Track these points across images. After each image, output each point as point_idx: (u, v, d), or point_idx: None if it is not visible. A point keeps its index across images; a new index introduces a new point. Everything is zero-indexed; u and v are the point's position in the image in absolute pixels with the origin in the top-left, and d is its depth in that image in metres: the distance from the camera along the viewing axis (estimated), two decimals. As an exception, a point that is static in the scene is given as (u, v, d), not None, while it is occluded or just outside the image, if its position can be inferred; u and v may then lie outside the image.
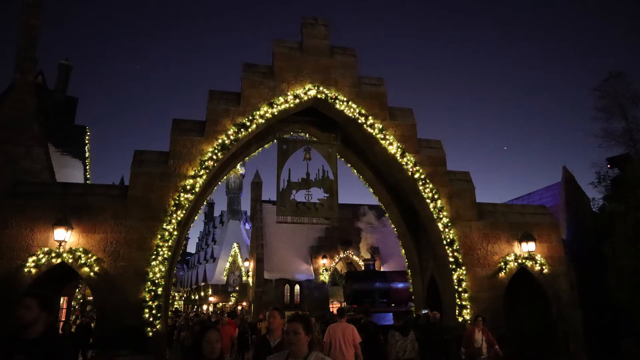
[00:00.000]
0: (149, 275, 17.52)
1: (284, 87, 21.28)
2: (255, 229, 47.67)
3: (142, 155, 19.29)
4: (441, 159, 22.41)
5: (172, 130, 19.75)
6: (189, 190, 18.73)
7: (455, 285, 20.74)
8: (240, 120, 20.20)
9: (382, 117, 22.00)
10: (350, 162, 24.86)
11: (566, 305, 21.65)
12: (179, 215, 18.37)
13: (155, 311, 17.35)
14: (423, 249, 24.81)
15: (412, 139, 22.18)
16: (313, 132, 23.48)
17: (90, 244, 17.58)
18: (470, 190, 22.37)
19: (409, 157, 21.72)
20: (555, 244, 22.52)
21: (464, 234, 21.51)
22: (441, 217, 21.37)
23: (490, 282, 21.11)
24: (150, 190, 18.54)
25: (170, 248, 18.04)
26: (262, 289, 42.83)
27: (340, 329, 13.26)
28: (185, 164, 19.16)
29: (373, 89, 22.45)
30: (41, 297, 5.71)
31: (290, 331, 5.61)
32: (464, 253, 21.19)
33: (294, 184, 22.40)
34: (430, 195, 21.54)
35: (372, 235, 45.84)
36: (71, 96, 35.98)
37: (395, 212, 25.12)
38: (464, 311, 20.41)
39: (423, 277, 24.93)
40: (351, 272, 36.90)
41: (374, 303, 29.32)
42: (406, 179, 22.08)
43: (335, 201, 22.60)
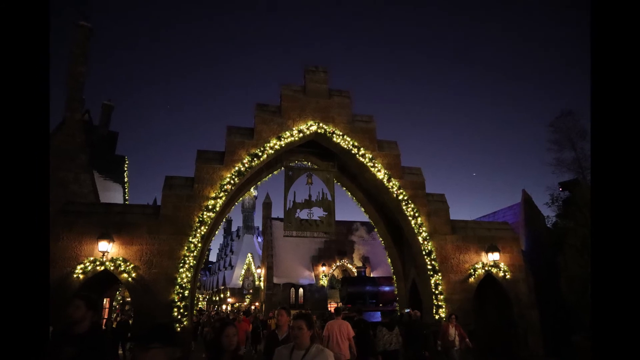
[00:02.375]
0: (177, 280, 17.57)
1: (290, 123, 21.35)
2: (266, 241, 47.68)
3: (172, 180, 19.35)
4: (421, 184, 22.43)
5: (196, 159, 19.82)
6: (210, 209, 18.77)
7: (432, 288, 20.72)
8: (253, 151, 20.26)
9: (372, 149, 22.04)
10: (345, 185, 24.89)
11: (525, 306, 21.62)
12: (203, 230, 18.40)
13: (182, 310, 17.40)
14: (406, 258, 24.77)
15: (396, 167, 22.22)
16: (314, 161, 23.52)
17: (129, 254, 17.63)
18: (445, 210, 22.37)
19: (394, 182, 21.75)
20: (516, 254, 22.50)
21: (440, 246, 21.48)
22: (421, 232, 21.37)
23: (462, 286, 21.09)
24: (179, 210, 18.58)
25: (195, 257, 18.07)
26: (272, 291, 42.72)
27: (337, 325, 13.20)
28: (208, 187, 19.21)
29: (364, 125, 22.51)
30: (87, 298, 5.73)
31: (295, 327, 5.63)
32: (440, 262, 21.17)
33: (298, 204, 22.41)
34: (412, 213, 21.55)
35: (364, 247, 46.00)
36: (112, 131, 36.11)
37: (383, 227, 25.09)
38: (440, 310, 20.39)
39: (406, 282, 24.88)
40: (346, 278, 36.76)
41: (365, 303, 29.19)
42: (392, 200, 22.09)
43: (333, 218, 22.58)
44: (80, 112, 26.19)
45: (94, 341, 5.53)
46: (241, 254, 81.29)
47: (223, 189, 19.29)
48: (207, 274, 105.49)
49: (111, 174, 31.94)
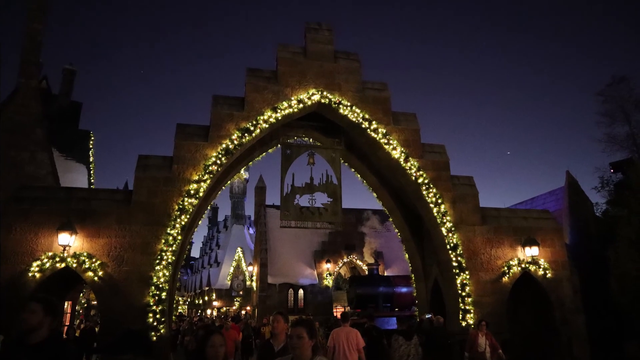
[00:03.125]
0: (152, 280, 17.53)
1: (287, 92, 21.27)
2: (259, 233, 47.77)
3: (146, 160, 19.29)
4: (444, 164, 22.39)
5: (176, 134, 19.75)
6: (192, 194, 18.73)
7: (458, 289, 20.70)
8: (244, 125, 20.20)
9: (385, 122, 22.00)
10: (354, 166, 24.86)
11: (569, 310, 21.60)
12: (183, 220, 18.37)
13: (159, 315, 17.36)
14: (427, 253, 24.78)
15: (415, 144, 22.16)
16: (317, 137, 23.47)
17: (94, 248, 17.59)
18: (474, 195, 22.33)
19: (412, 162, 21.69)
20: (558, 249, 22.46)
21: (468, 239, 21.48)
22: (445, 222, 21.33)
23: (493, 286, 21.08)
24: (154, 195, 18.55)
25: (174, 252, 18.03)
26: (266, 293, 42.87)
27: (344, 333, 13.23)
28: (189, 168, 19.16)
29: (376, 93, 22.45)
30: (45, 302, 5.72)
31: (294, 335, 5.61)
32: (468, 257, 21.16)
33: (297, 188, 22.40)
34: (434, 199, 21.50)
35: (376, 239, 45.97)
36: (75, 101, 36.02)
37: (399, 216, 25.10)
38: (468, 315, 20.37)
39: (426, 282, 24.89)
40: (355, 277, 36.87)
41: (378, 307, 29.29)
42: (410, 184, 22.06)
43: (339, 206, 22.59)
44: (37, 78, 26.04)
45: (54, 351, 5.52)
46: (229, 248, 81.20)
47: (208, 171, 19.22)
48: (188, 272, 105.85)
49: (74, 153, 31.85)
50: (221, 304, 75.18)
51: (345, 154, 23.82)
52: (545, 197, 30.82)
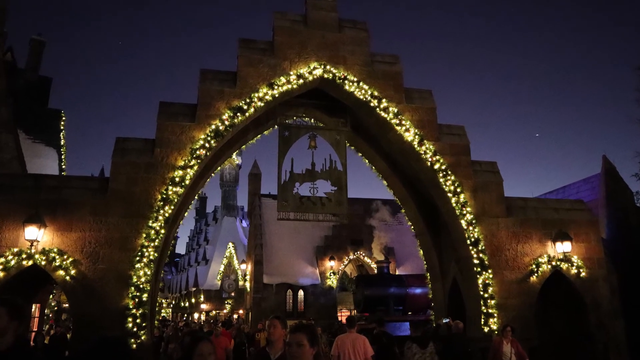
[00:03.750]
0: (132, 280, 17.50)
1: (285, 65, 21.22)
2: (254, 226, 47.68)
3: (125, 143, 19.27)
4: (464, 147, 22.37)
5: (158, 114, 19.72)
6: (178, 182, 18.70)
7: (480, 290, 20.70)
8: (236, 104, 20.17)
9: (397, 100, 21.96)
10: (361, 150, 24.84)
11: (606, 313, 21.58)
12: (167, 211, 18.35)
13: (139, 320, 17.34)
14: (444, 249, 24.76)
15: (431, 125, 22.14)
16: (319, 117, 23.45)
17: (66, 243, 17.57)
18: (498, 183, 22.32)
19: (427, 145, 21.66)
20: (594, 244, 22.44)
21: (491, 233, 21.47)
22: (464, 213, 21.31)
23: (520, 287, 21.08)
24: (134, 183, 18.53)
25: (157, 248, 18.01)
26: (261, 294, 42.83)
27: (350, 340, 13.23)
28: (174, 153, 19.13)
29: (387, 67, 22.40)
30: (10, 305, 5.68)
31: (293, 343, 5.60)
32: (491, 254, 21.16)
33: (297, 175, 22.39)
34: (452, 188, 21.48)
35: (386, 233, 45.84)
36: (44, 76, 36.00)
37: (413, 207, 25.08)
38: (491, 320, 20.38)
39: (444, 282, 24.88)
40: (362, 276, 36.92)
41: (388, 311, 29.33)
42: (425, 170, 22.05)
43: (345, 195, 22.58)
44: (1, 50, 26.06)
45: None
46: (219, 243, 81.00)
47: (195, 155, 19.19)
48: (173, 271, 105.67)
49: (42, 135, 31.86)
50: (210, 307, 74.98)
51: (351, 136, 23.81)
52: (579, 186, 30.82)
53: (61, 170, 32.11)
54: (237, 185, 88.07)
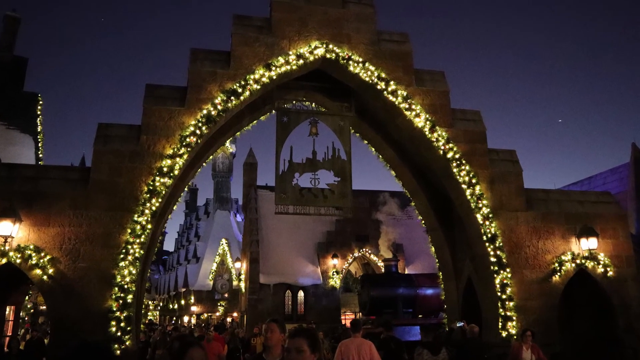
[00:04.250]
0: (116, 279, 17.46)
1: (284, 44, 21.19)
2: (249, 221, 47.62)
3: (108, 129, 19.23)
4: (480, 134, 22.35)
5: (145, 98, 19.70)
6: (166, 173, 18.65)
7: (497, 291, 20.64)
8: (230, 86, 20.13)
9: (406, 82, 21.92)
10: (367, 138, 24.81)
11: (636, 316, 21.57)
12: (154, 205, 18.30)
13: (124, 324, 17.31)
14: (458, 246, 24.73)
15: (444, 109, 22.13)
16: (321, 101, 23.44)
17: (44, 240, 17.54)
18: (517, 173, 22.31)
19: (440, 132, 21.63)
20: (622, 240, 22.43)
21: (509, 228, 21.45)
22: (480, 207, 21.26)
23: (541, 287, 21.07)
24: (118, 173, 18.49)
25: (143, 245, 18.00)
26: (257, 296, 42.80)
27: (354, 346, 13.23)
28: (162, 140, 19.10)
29: (395, 47, 22.37)
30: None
31: (292, 349, 5.60)
32: (509, 251, 21.13)
33: (296, 165, 22.38)
34: (467, 179, 21.44)
35: (395, 229, 45.54)
36: (19, 56, 35.98)
37: (424, 200, 25.06)
38: (509, 323, 20.33)
39: (458, 282, 24.85)
40: (368, 276, 36.94)
41: (397, 313, 29.34)
42: (437, 159, 22.03)
43: (349, 187, 22.58)
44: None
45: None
46: (211, 240, 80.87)
47: (184, 143, 19.14)
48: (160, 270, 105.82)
49: (18, 120, 31.86)
50: (201, 310, 74.95)
51: (356, 121, 23.78)
52: (605, 176, 30.80)
53: (38, 160, 32.10)
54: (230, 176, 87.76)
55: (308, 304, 43.82)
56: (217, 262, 74.59)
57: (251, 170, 51.32)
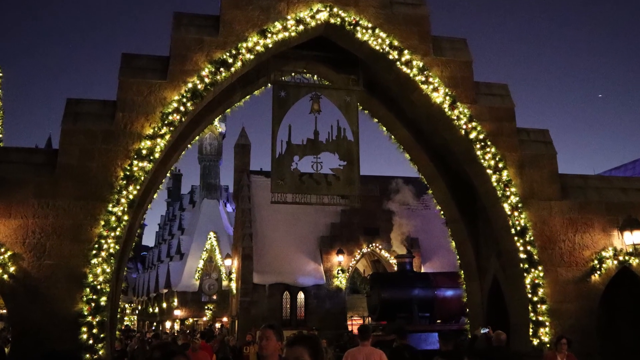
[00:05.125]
0: (87, 279, 17.40)
1: (281, 7, 21.14)
2: (241, 211, 47.72)
3: (78, 106, 19.22)
4: (508, 112, 22.35)
5: (121, 69, 19.69)
6: (145, 156, 18.60)
7: (528, 292, 20.59)
8: (219, 56, 20.09)
9: (423, 52, 21.89)
10: (378, 116, 24.80)
11: (689, 322, 21.58)
12: (131, 193, 18.25)
13: (96, 330, 17.26)
14: (482, 240, 24.70)
15: (466, 83, 22.11)
16: (324, 73, 23.43)
17: (4, 233, 17.50)
18: (550, 156, 22.29)
19: (461, 109, 21.57)
20: (672, 234, 22.40)
21: (541, 220, 21.41)
22: (508, 195, 21.19)
23: (578, 288, 21.03)
24: (90, 157, 18.45)
25: (119, 239, 17.96)
26: (251, 298, 42.90)
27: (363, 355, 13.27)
28: (140, 118, 19.07)
29: (410, 10, 22.32)
30: None
31: (291, 359, 5.62)
32: (541, 246, 21.07)
33: (296, 147, 22.37)
34: (493, 163, 21.37)
35: (409, 220, 45.57)
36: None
37: (443, 187, 25.03)
38: (541, 330, 20.26)
39: (482, 281, 24.83)
40: (379, 275, 37.05)
41: (412, 318, 29.41)
42: (458, 140, 22.03)
43: (356, 172, 22.56)
44: None
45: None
46: (198, 233, 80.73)
47: (167, 122, 19.07)
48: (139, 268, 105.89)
49: (-29, 96, 31.86)
50: (186, 314, 74.93)
51: (364, 97, 23.77)
52: (653, 160, 30.78)
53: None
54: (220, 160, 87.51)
55: (309, 308, 43.93)
56: (204, 259, 74.74)
57: (243, 153, 51.29)
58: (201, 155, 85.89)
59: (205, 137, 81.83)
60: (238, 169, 50.58)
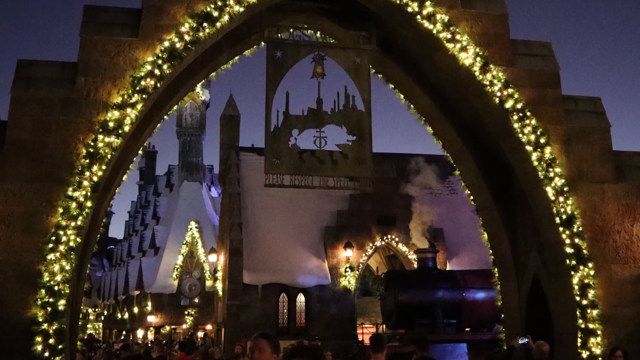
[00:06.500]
0: (42, 278, 17.28)
1: (277, -52, 21.15)
2: (229, 197, 47.65)
3: (32, 69, 19.16)
4: (552, 76, 22.27)
5: (82, 25, 19.58)
6: (112, 129, 18.45)
7: (576, 294, 20.44)
8: (201, 8, 19.95)
9: (449, 3, 21.80)
10: (394, 81, 24.75)
11: None
12: (96, 174, 18.08)
13: (53, 340, 17.13)
14: (520, 232, 24.64)
15: (501, 41, 22.05)
16: (328, 29, 23.37)
17: (-60, 222, 17.55)
18: (603, 130, 22.19)
19: (495, 72, 21.44)
20: None
21: (592, 206, 21.31)
22: (552, 177, 21.01)
23: (637, 289, 20.89)
24: (46, 131, 18.37)
25: (80, 230, 17.85)
26: (240, 301, 42.88)
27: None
28: (107, 83, 18.96)
29: (433, -48, 22.29)
30: None
31: (288, 375, 5.62)
32: (592, 239, 20.95)
33: (295, 118, 22.26)
34: (533, 138, 21.20)
35: (432, 207, 45.45)
36: None
37: (472, 167, 24.97)
38: (592, 340, 20.07)
39: (520, 281, 24.77)
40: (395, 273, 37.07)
41: (435, 326, 29.44)
42: (491, 110, 21.98)
43: (368, 148, 22.45)
44: None
45: None
46: (176, 223, 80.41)
47: (139, 88, 18.90)
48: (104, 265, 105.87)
49: None
50: (162, 321, 74.66)
51: (378, 58, 23.75)
52: None
53: None
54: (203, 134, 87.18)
55: (311, 313, 43.96)
56: (184, 254, 74.57)
57: (231, 126, 51.06)
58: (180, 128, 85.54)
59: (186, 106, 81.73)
60: (225, 145, 50.41)
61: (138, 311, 79.11)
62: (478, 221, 26.15)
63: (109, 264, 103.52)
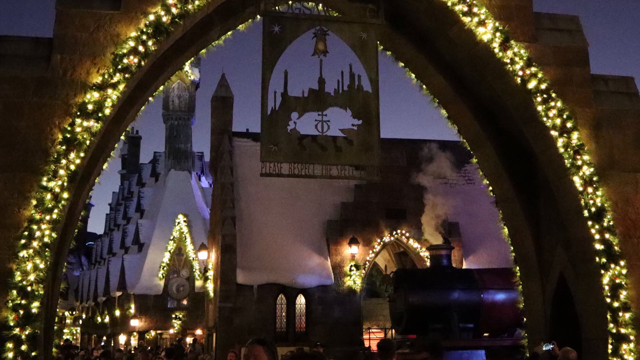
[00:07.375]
0: (14, 278, 17.26)
1: None
2: (221, 187, 47.57)
3: (1, 44, 19.14)
4: (579, 53, 22.25)
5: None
6: (91, 112, 18.37)
7: (606, 296, 20.39)
8: (189, -22, 20.00)
9: (465, -29, 21.80)
10: (404, 58, 24.72)
11: None
12: (73, 162, 18.03)
13: (26, 346, 17.10)
14: (544, 226, 24.63)
15: (523, 14, 22.00)
16: (332, 1, 23.34)
17: None
18: (637, 113, 22.14)
19: (517, 49, 21.38)
20: None
21: (624, 198, 21.29)
22: (580, 165, 20.97)
23: (674, 290, 20.95)
24: (18, 114, 18.33)
25: (56, 225, 17.80)
26: (234, 303, 42.82)
27: (384, 380, 13.31)
28: (85, 62, 18.92)
29: None
30: None
31: (288, 384, 5.67)
32: (624, 234, 20.92)
33: (294, 100, 22.18)
34: (559, 122, 21.17)
35: (446, 199, 45.36)
36: None
37: (491, 155, 24.93)
38: (624, 347, 20.02)
39: (544, 282, 24.76)
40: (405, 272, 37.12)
41: (451, 331, 29.45)
42: (512, 91, 21.95)
43: (376, 134, 22.37)
44: None
45: None
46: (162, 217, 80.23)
47: (121, 67, 18.83)
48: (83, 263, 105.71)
49: None
50: (147, 325, 74.48)
51: (386, 33, 23.70)
52: None
53: None
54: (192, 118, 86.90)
55: (312, 316, 43.91)
56: (171, 251, 74.43)
57: (224, 109, 50.86)
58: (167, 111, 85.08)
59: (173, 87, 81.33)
60: (216, 129, 50.23)
61: (120, 314, 78.89)
62: (497, 214, 26.13)
63: (88, 262, 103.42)
